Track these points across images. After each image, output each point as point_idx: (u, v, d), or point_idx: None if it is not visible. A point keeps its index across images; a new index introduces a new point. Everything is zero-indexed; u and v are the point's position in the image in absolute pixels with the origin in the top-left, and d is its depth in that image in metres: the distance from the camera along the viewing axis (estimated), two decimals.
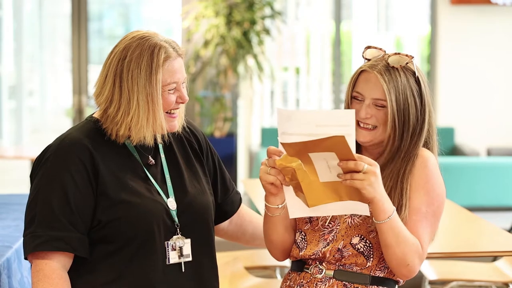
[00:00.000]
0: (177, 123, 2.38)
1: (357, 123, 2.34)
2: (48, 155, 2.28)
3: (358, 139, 2.33)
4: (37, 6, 13.23)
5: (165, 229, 2.31)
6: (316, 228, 2.36)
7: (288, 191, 2.20)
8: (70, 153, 2.25)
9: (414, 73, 2.34)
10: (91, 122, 2.35)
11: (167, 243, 2.31)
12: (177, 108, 2.35)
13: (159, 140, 2.37)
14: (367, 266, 2.29)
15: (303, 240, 2.38)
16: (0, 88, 11.43)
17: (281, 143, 2.11)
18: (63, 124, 10.81)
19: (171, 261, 2.31)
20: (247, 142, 8.82)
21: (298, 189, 2.16)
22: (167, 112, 2.33)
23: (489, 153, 8.29)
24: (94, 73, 10.89)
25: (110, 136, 2.31)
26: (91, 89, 8.52)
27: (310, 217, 2.37)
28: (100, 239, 2.27)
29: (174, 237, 2.32)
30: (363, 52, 2.39)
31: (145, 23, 12.63)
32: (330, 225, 2.34)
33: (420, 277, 4.17)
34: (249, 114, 8.85)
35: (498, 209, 7.20)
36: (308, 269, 2.34)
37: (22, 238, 2.94)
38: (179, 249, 2.33)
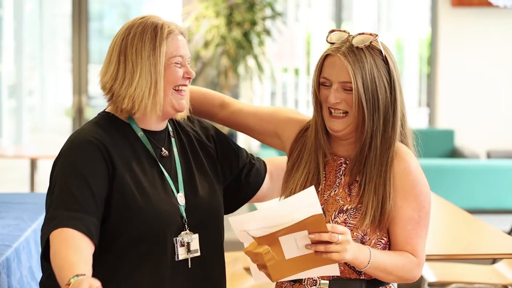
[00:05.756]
0: (185, 104, 2.37)
1: (329, 111, 2.28)
2: (67, 147, 2.26)
3: (331, 128, 2.28)
4: (37, 6, 13.22)
5: (175, 227, 2.30)
6: None
7: (252, 264, 2.18)
8: (88, 146, 2.24)
9: (381, 52, 2.26)
10: (105, 116, 2.35)
11: (176, 239, 2.29)
12: (185, 85, 2.35)
13: (164, 125, 2.36)
14: (361, 278, 2.28)
15: None
16: (0, 87, 11.43)
17: (255, 237, 2.08)
18: (63, 124, 10.80)
19: (180, 257, 2.30)
20: (247, 142, 8.82)
21: (262, 267, 2.13)
22: (175, 90, 2.33)
23: (489, 155, 8.29)
24: (95, 72, 10.85)
25: (114, 114, 2.31)
26: (92, 88, 8.55)
27: None
28: (111, 234, 2.23)
29: (182, 233, 2.31)
30: (327, 37, 2.32)
31: None
32: None
33: (419, 279, 4.17)
34: None
35: (498, 211, 7.20)
36: (302, 281, 2.30)
37: (22, 237, 2.94)
38: (187, 245, 2.31)
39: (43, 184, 7.98)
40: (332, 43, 2.30)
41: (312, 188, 2.05)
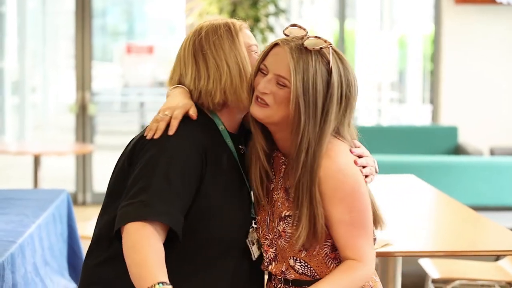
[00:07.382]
0: None
1: (256, 97, 2.21)
2: (175, 139, 2.18)
3: (252, 112, 2.22)
4: (40, 3, 13.24)
5: (249, 227, 2.28)
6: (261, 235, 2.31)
7: None
8: (194, 142, 2.19)
9: (328, 62, 2.18)
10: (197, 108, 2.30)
11: (248, 240, 2.27)
12: None
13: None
14: (318, 279, 2.23)
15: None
16: (3, 84, 11.44)
17: None
18: (66, 121, 10.80)
19: (256, 255, 2.28)
20: None
21: None
22: None
23: (492, 152, 8.29)
24: (98, 69, 10.86)
25: (207, 108, 2.27)
26: (94, 85, 8.53)
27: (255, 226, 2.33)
28: (192, 232, 2.17)
29: (250, 230, 2.28)
30: (285, 29, 2.27)
31: (149, 19, 12.64)
32: (269, 236, 2.28)
33: (423, 275, 4.17)
34: None
35: (501, 208, 7.19)
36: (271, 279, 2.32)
37: (26, 233, 2.94)
38: (257, 241, 2.29)
39: (46, 180, 7.98)
40: (287, 35, 2.26)
41: None
